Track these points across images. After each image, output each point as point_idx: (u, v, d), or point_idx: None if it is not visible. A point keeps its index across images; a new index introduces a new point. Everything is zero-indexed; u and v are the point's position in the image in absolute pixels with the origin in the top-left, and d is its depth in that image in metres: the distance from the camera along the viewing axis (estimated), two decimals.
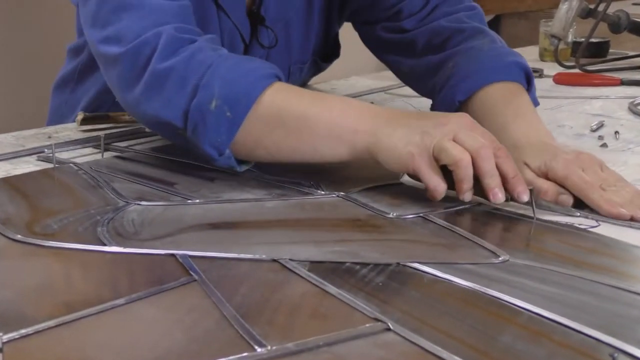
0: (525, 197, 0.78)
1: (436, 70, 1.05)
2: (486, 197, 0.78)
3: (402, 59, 1.12)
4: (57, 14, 1.88)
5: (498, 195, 0.77)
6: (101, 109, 1.15)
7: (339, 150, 0.83)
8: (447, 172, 0.78)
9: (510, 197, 0.78)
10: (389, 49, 1.14)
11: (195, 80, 0.83)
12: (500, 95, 0.97)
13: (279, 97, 0.84)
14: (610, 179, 0.82)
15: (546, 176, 0.82)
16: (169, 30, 0.86)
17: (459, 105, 0.98)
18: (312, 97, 0.88)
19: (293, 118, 0.84)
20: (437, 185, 0.78)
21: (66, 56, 1.24)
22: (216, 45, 0.88)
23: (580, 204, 0.80)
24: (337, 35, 1.23)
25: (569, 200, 0.80)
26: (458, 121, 0.80)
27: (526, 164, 0.84)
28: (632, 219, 0.76)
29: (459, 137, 0.78)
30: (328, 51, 1.23)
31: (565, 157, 0.82)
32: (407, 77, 1.15)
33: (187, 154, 0.97)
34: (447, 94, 1.00)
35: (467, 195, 0.78)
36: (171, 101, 0.84)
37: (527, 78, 1.00)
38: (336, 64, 1.25)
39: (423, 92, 1.12)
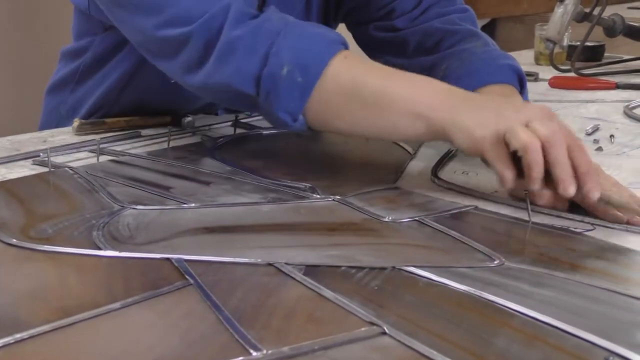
0: (596, 194, 0.75)
1: (429, 72, 1.05)
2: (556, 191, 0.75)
3: (394, 59, 1.12)
4: (52, 18, 1.88)
5: (569, 189, 0.74)
6: (106, 108, 1.15)
7: (417, 126, 0.82)
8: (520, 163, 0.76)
9: (581, 194, 0.75)
10: (382, 49, 1.14)
11: (265, 49, 0.85)
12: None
13: (350, 64, 0.85)
14: (606, 183, 0.82)
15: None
16: (236, 3, 0.87)
17: None
18: (383, 69, 0.89)
19: (369, 90, 0.84)
20: (504, 170, 0.76)
21: (60, 59, 1.24)
22: (282, 14, 0.90)
23: (576, 208, 0.80)
24: None
25: (565, 204, 0.80)
26: (535, 109, 0.79)
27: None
28: (627, 223, 0.76)
29: (532, 124, 0.76)
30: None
31: None
32: None
33: (182, 159, 0.97)
34: None
35: (537, 183, 0.75)
36: (242, 69, 0.85)
37: (520, 81, 1.01)
38: None
39: None
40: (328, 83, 0.84)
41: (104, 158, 0.98)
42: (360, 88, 0.84)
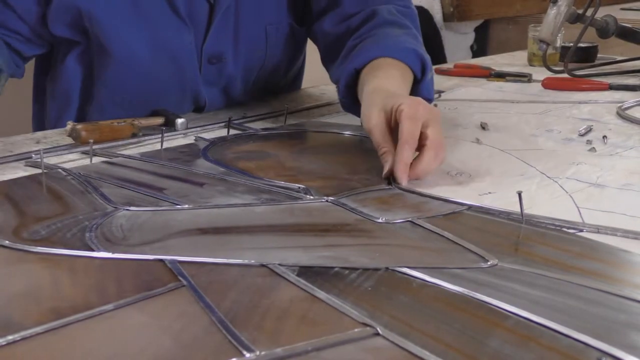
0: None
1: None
2: None
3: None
4: None
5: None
6: (89, 110, 1.18)
7: None
8: None
9: None
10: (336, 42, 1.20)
11: None
12: (384, 64, 1.03)
13: None
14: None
15: (395, 116, 0.89)
16: None
17: (355, 72, 1.06)
18: None
19: None
20: None
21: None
22: None
23: None
24: None
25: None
26: None
27: (382, 110, 0.92)
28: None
29: None
30: (301, 11, 1.26)
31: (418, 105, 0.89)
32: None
33: (175, 160, 0.97)
34: (348, 63, 1.08)
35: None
36: None
37: (423, 68, 1.06)
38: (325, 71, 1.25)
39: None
40: None
41: (97, 159, 0.98)
42: None
